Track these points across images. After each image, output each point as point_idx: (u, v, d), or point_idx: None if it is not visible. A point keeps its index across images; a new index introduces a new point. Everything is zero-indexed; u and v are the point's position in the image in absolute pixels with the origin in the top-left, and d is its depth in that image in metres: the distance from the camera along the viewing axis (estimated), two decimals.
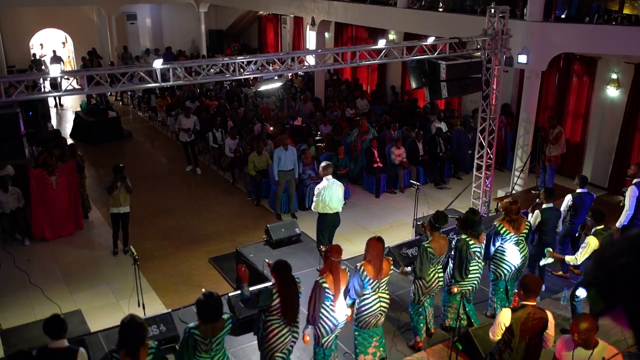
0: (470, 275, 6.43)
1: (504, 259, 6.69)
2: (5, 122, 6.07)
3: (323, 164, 8.17)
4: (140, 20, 22.55)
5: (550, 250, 6.98)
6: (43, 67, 19.45)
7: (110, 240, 9.54)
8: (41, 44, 20.97)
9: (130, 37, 22.11)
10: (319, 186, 7.95)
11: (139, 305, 7.44)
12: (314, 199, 8.01)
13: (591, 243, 6.49)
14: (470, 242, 6.35)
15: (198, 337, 4.75)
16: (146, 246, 9.52)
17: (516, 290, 5.55)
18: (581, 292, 6.54)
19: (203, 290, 4.93)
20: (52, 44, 21.23)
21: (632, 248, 1.04)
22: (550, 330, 4.92)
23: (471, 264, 6.38)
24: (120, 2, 20.34)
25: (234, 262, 8.72)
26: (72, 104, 18.81)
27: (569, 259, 6.76)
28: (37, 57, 20.26)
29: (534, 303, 4.94)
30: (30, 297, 8.22)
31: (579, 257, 6.60)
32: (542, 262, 7.17)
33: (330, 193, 7.89)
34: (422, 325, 6.48)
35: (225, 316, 4.83)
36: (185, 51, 22.61)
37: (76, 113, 16.01)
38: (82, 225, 10.25)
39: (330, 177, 7.93)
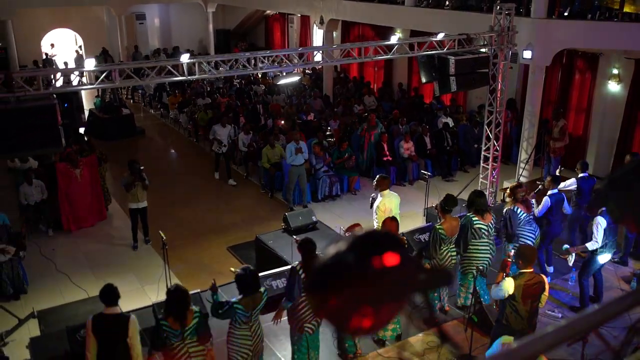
0: (480, 255, 6.78)
1: (525, 241, 7.01)
2: (44, 113, 6.45)
3: (378, 177, 7.80)
4: (149, 20, 22.90)
5: (568, 246, 7.28)
6: (54, 67, 19.78)
7: (130, 233, 9.88)
8: (52, 44, 21.31)
9: (139, 37, 22.42)
10: (375, 203, 7.60)
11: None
12: (375, 216, 7.54)
13: (602, 222, 6.83)
14: (474, 219, 6.72)
15: (240, 311, 5.05)
16: (165, 236, 9.84)
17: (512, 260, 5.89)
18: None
19: (231, 269, 5.26)
20: (64, 44, 21.58)
21: (635, 170, 1.43)
22: (546, 292, 5.45)
23: (481, 242, 6.74)
24: (129, 2, 20.68)
25: (252, 250, 9.09)
26: (84, 102, 19.14)
27: (590, 245, 6.89)
28: (49, 56, 20.62)
29: (532, 270, 5.42)
30: (58, 283, 8.59)
31: (598, 239, 6.79)
32: (570, 262, 7.37)
33: (389, 202, 7.54)
34: (436, 302, 6.85)
35: (261, 289, 5.19)
36: (193, 50, 22.90)
37: (90, 110, 16.36)
38: (105, 215, 10.64)
39: (386, 191, 7.57)
